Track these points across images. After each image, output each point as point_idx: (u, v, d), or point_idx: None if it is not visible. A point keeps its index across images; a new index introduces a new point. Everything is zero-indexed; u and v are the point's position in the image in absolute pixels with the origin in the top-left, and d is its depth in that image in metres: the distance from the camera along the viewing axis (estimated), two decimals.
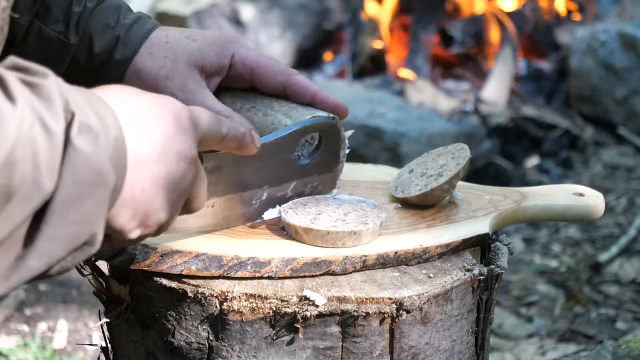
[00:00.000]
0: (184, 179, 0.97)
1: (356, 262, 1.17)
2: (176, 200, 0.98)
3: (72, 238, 0.87)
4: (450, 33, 4.52)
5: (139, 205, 0.93)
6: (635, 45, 3.98)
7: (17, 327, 2.66)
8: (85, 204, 0.86)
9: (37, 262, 0.85)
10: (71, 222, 0.86)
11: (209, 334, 1.14)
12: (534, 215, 1.36)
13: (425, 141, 3.50)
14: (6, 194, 0.80)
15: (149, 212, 0.95)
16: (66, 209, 0.85)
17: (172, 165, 0.95)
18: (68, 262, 0.89)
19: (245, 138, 1.09)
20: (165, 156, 0.95)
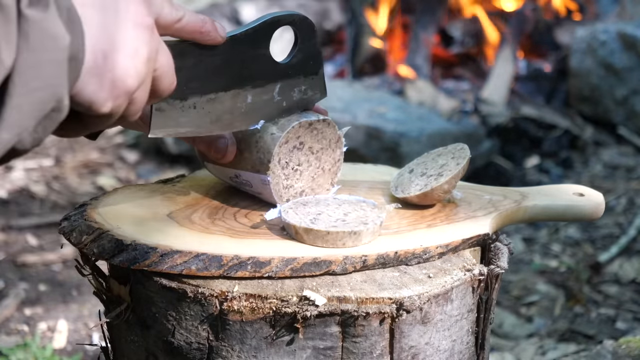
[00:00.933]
0: (143, 44, 0.98)
1: (356, 262, 1.17)
2: (139, 68, 0.98)
3: (38, 105, 0.89)
4: (450, 33, 4.52)
5: (103, 72, 0.95)
6: (635, 45, 3.98)
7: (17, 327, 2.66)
8: (45, 69, 0.89)
9: (7, 133, 0.88)
10: (34, 88, 0.88)
11: (209, 334, 1.14)
12: (534, 215, 1.36)
13: (425, 141, 3.50)
14: None
15: (115, 79, 0.96)
16: (26, 77, 0.87)
17: (128, 30, 0.97)
18: (39, 132, 0.91)
19: (207, 23, 1.11)
20: (120, 21, 0.96)
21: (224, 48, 1.17)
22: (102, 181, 3.65)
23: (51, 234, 3.16)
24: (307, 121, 1.28)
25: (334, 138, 1.32)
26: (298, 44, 1.29)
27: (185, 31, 1.10)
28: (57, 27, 0.90)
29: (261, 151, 1.26)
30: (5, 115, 0.87)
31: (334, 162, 1.34)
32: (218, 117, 1.21)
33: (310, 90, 1.31)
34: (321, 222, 1.20)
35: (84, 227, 1.20)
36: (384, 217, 1.23)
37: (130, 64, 0.97)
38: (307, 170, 1.31)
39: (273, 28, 1.24)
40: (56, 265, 2.99)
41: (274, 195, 1.27)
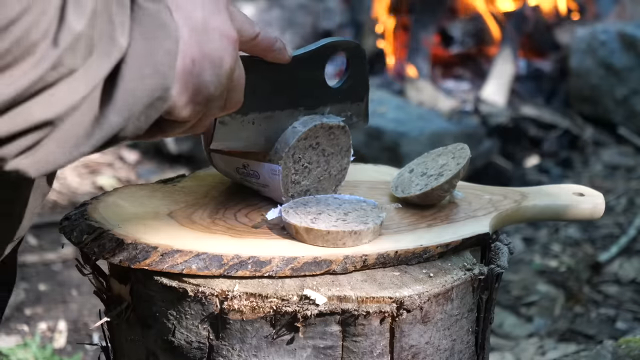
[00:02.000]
0: (228, 56, 1.00)
1: (356, 262, 1.17)
2: (222, 78, 1.00)
3: (147, 92, 0.91)
4: (450, 33, 4.52)
5: (189, 78, 0.96)
6: (635, 45, 3.98)
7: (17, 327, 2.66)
8: (156, 56, 0.90)
9: (116, 117, 0.89)
10: (145, 75, 0.90)
11: (209, 333, 1.14)
12: (534, 215, 1.36)
13: (425, 141, 3.51)
14: (89, 45, 0.84)
15: (198, 85, 0.97)
16: (139, 62, 0.89)
17: (215, 40, 0.98)
18: (142, 121, 0.93)
19: (277, 42, 1.14)
20: (209, 31, 0.98)
21: (286, 68, 1.21)
22: (102, 181, 3.65)
23: (51, 234, 3.16)
24: (328, 124, 1.30)
25: (345, 146, 1.34)
26: (349, 70, 1.33)
27: (259, 48, 1.12)
28: (168, 17, 0.92)
29: (278, 141, 1.27)
30: (116, 99, 0.88)
31: (340, 168, 1.35)
32: (272, 135, 1.27)
33: (355, 117, 1.36)
34: (321, 222, 1.20)
35: (85, 226, 1.20)
36: (384, 216, 1.23)
37: (214, 73, 0.99)
38: (316, 170, 1.32)
39: (329, 53, 1.28)
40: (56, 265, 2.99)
41: (280, 186, 1.28)
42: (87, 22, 0.83)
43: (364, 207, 1.26)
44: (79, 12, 0.83)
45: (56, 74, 0.83)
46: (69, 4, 0.82)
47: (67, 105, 0.85)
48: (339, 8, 4.84)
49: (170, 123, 1.00)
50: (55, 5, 0.81)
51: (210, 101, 1.00)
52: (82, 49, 0.84)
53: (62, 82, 0.83)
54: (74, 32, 0.82)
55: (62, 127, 0.85)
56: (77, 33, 0.82)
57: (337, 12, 4.83)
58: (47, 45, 0.81)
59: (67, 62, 0.83)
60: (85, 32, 0.83)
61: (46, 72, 0.82)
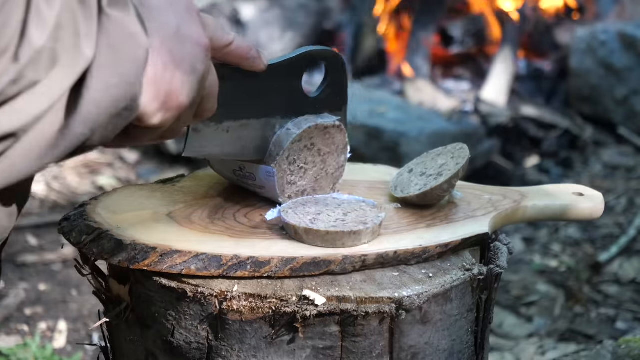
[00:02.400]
0: (200, 63, 0.99)
1: (356, 262, 1.17)
2: (194, 85, 0.99)
3: (114, 102, 0.90)
4: (450, 33, 4.52)
5: (160, 84, 0.95)
6: (635, 45, 3.98)
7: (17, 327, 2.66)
8: (123, 65, 0.90)
9: (81, 127, 0.89)
10: (111, 85, 0.89)
11: (208, 334, 1.14)
12: (534, 215, 1.36)
13: (425, 141, 3.50)
14: (52, 58, 0.84)
15: (170, 92, 0.97)
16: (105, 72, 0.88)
17: (187, 47, 0.98)
18: (109, 130, 0.92)
19: (251, 50, 1.13)
20: (181, 38, 0.97)
21: (261, 76, 1.21)
22: (102, 181, 3.65)
23: (51, 234, 3.16)
24: (323, 124, 1.29)
25: (341, 144, 1.34)
26: (327, 80, 1.33)
27: (232, 56, 1.12)
28: (136, 27, 0.91)
29: (273, 143, 1.27)
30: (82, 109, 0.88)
31: (337, 166, 1.35)
32: (247, 143, 1.26)
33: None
34: (321, 222, 1.20)
35: (84, 227, 1.20)
36: (384, 217, 1.23)
37: (186, 79, 0.98)
38: (312, 170, 1.32)
39: (307, 62, 1.28)
40: (56, 265, 2.99)
41: (276, 188, 1.28)
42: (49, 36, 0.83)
43: (363, 207, 1.26)
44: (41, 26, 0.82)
45: (17, 87, 0.82)
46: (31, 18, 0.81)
47: (30, 117, 0.84)
48: (339, 8, 4.84)
49: (140, 130, 0.99)
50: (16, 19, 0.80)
51: (181, 108, 0.99)
52: (44, 62, 0.83)
53: (24, 94, 0.83)
54: (35, 46, 0.82)
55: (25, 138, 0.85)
56: (39, 47, 0.82)
57: (337, 12, 4.83)
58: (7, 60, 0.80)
59: (29, 75, 0.82)
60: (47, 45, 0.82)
61: (6, 86, 0.81)
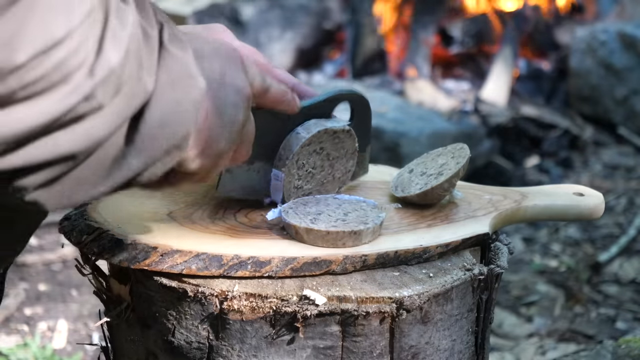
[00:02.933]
0: (240, 112, 1.00)
1: (356, 262, 1.17)
2: (233, 133, 1.00)
3: (168, 138, 0.90)
4: (450, 33, 4.52)
5: (201, 131, 0.95)
6: (635, 45, 3.98)
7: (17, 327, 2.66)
8: (181, 104, 0.90)
9: (136, 160, 0.88)
10: (168, 122, 0.89)
11: (209, 333, 1.14)
12: (534, 215, 1.36)
13: (425, 141, 3.51)
14: (118, 85, 0.83)
15: (210, 139, 0.97)
16: (164, 109, 0.88)
17: (230, 96, 0.98)
18: (158, 167, 0.92)
19: (287, 94, 1.14)
20: (224, 87, 0.98)
21: (293, 117, 1.23)
22: None
23: (51, 234, 3.16)
24: (333, 129, 1.29)
25: (350, 149, 1.34)
26: (353, 121, 1.34)
27: (270, 101, 1.12)
28: (195, 68, 0.91)
29: (282, 147, 1.27)
30: (137, 142, 0.87)
31: (345, 171, 1.35)
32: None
33: (357, 166, 1.37)
34: (321, 222, 1.20)
35: (84, 226, 1.20)
36: (384, 216, 1.23)
37: (227, 128, 0.98)
38: (320, 174, 1.32)
39: (335, 103, 1.29)
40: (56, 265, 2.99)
41: (284, 193, 1.28)
42: (122, 58, 0.82)
43: (364, 207, 1.26)
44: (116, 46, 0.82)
45: (87, 106, 0.81)
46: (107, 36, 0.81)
47: (93, 141, 0.83)
48: (339, 8, 4.84)
49: (178, 175, 0.99)
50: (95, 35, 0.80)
51: (220, 156, 1.00)
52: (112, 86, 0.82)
53: (90, 116, 0.82)
54: (110, 65, 0.81)
55: (83, 163, 0.85)
56: (112, 67, 0.81)
57: (337, 12, 4.83)
58: (83, 75, 0.80)
59: (99, 96, 0.82)
60: (118, 68, 0.82)
61: (79, 102, 0.80)
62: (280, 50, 4.59)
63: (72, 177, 0.85)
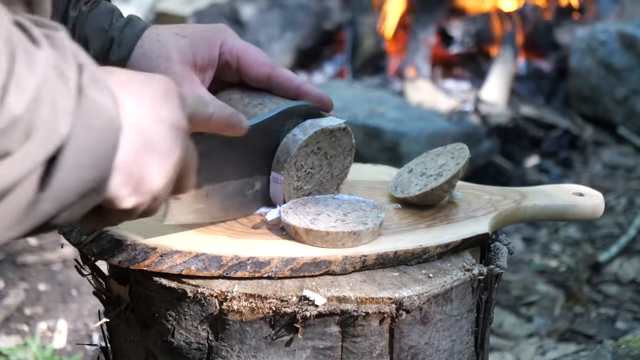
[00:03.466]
0: (176, 147, 0.98)
1: (356, 262, 1.17)
2: (168, 169, 0.98)
3: (83, 183, 0.88)
4: (450, 33, 4.52)
5: (132, 169, 0.94)
6: (635, 45, 3.98)
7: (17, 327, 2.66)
8: (97, 149, 0.88)
9: (49, 206, 0.87)
10: (83, 165, 0.88)
11: (208, 334, 1.14)
12: (534, 215, 1.36)
13: (425, 141, 3.51)
14: (27, 130, 0.82)
15: (142, 178, 0.95)
16: (78, 152, 0.87)
17: (163, 131, 0.96)
18: (76, 210, 0.91)
19: (232, 118, 1.11)
20: (157, 122, 0.96)
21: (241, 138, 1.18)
22: None
23: (51, 234, 3.16)
24: (329, 128, 1.28)
25: (348, 146, 1.33)
26: None
27: (215, 127, 1.10)
28: (113, 111, 0.90)
29: (279, 150, 1.27)
30: (51, 187, 0.86)
31: (343, 168, 1.35)
32: (227, 204, 1.24)
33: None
34: (321, 223, 1.20)
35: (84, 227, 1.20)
36: (384, 217, 1.23)
37: (160, 165, 0.97)
38: (318, 174, 1.32)
39: (286, 118, 1.26)
40: (56, 265, 2.99)
41: (284, 195, 1.27)
42: (27, 106, 0.81)
43: (363, 208, 1.26)
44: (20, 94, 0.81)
45: None
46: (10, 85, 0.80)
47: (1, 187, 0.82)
48: (339, 8, 4.84)
49: (115, 213, 0.97)
50: None
51: (155, 192, 0.98)
52: (20, 132, 0.81)
53: None
54: (12, 114, 0.80)
55: None
56: (16, 115, 0.80)
57: (337, 12, 4.83)
58: None
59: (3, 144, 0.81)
60: (24, 115, 0.81)
61: None
62: (280, 50, 4.59)
63: None
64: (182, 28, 1.33)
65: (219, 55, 1.31)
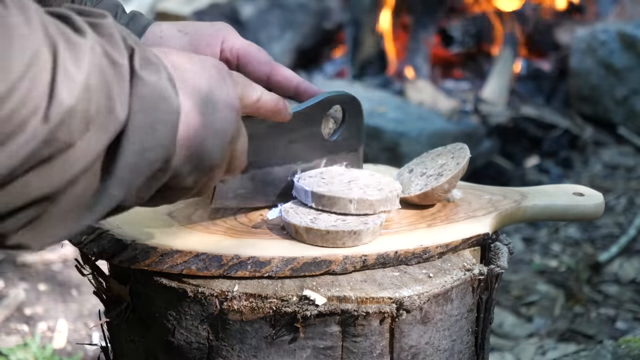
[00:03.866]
0: (230, 125, 1.00)
1: (356, 262, 1.17)
2: (225, 147, 1.00)
3: (148, 164, 0.90)
4: (450, 33, 4.52)
5: (192, 148, 0.96)
6: (635, 45, 3.98)
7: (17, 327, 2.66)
8: (157, 129, 0.90)
9: (117, 190, 0.89)
10: (146, 148, 0.89)
11: (209, 334, 1.14)
12: (534, 215, 1.36)
13: (425, 141, 3.51)
14: (85, 120, 0.83)
15: (202, 155, 0.97)
16: (140, 136, 0.88)
17: (218, 111, 0.98)
18: (143, 191, 0.93)
19: (279, 103, 1.14)
20: (212, 101, 0.98)
21: (284, 124, 1.22)
22: None
23: None
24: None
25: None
26: (345, 123, 1.33)
27: (262, 110, 1.12)
28: (169, 90, 0.91)
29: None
30: (117, 172, 0.88)
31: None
32: (270, 189, 1.28)
33: (350, 165, 1.36)
34: (321, 222, 1.20)
35: None
36: (384, 216, 1.23)
37: (217, 142, 0.98)
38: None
39: (326, 107, 1.29)
40: (56, 265, 2.99)
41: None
42: (79, 96, 0.82)
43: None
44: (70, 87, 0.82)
45: (51, 149, 0.82)
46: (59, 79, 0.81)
47: (65, 180, 0.84)
48: (339, 8, 4.84)
49: (174, 191, 1.00)
50: (44, 81, 0.80)
51: (213, 170, 1.00)
52: (77, 124, 0.83)
53: (58, 156, 0.83)
54: (65, 107, 0.81)
55: (61, 200, 0.85)
56: (69, 108, 0.82)
57: (337, 12, 4.83)
58: (37, 122, 0.80)
59: (61, 137, 0.82)
60: (78, 106, 0.82)
61: (39, 147, 0.81)
62: (280, 50, 4.59)
63: (52, 215, 0.85)
64: (185, 25, 1.34)
65: (219, 52, 1.32)
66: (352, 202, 1.22)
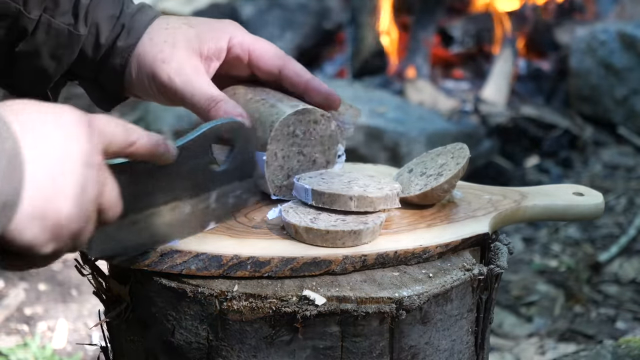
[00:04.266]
0: (90, 184, 0.95)
1: (356, 262, 1.17)
2: (86, 208, 0.95)
3: None
4: (450, 33, 4.52)
5: (47, 216, 0.91)
6: (635, 45, 3.98)
7: (17, 327, 2.66)
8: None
9: None
10: None
11: (208, 334, 1.14)
12: (534, 215, 1.36)
13: (425, 141, 3.51)
14: None
15: (59, 223, 0.92)
16: None
17: (74, 171, 0.93)
18: None
19: (158, 145, 1.07)
20: (67, 162, 0.93)
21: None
22: None
23: None
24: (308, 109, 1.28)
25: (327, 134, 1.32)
26: (235, 151, 1.24)
27: (138, 154, 1.05)
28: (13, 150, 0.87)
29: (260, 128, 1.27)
30: None
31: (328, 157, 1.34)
32: (157, 230, 1.17)
33: (245, 194, 1.27)
34: (321, 222, 1.20)
35: None
36: (384, 216, 1.23)
37: (76, 206, 0.93)
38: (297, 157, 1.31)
39: (212, 138, 1.20)
40: (56, 265, 2.99)
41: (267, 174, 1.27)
42: None
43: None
44: None
45: None
46: None
47: None
48: (339, 8, 4.84)
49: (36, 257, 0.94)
50: None
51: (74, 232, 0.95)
52: None
53: None
54: None
55: None
56: None
57: (337, 12, 4.83)
58: None
59: None
60: None
61: None
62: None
63: None
64: (191, 19, 1.34)
65: (229, 49, 1.30)
66: (353, 199, 1.22)
